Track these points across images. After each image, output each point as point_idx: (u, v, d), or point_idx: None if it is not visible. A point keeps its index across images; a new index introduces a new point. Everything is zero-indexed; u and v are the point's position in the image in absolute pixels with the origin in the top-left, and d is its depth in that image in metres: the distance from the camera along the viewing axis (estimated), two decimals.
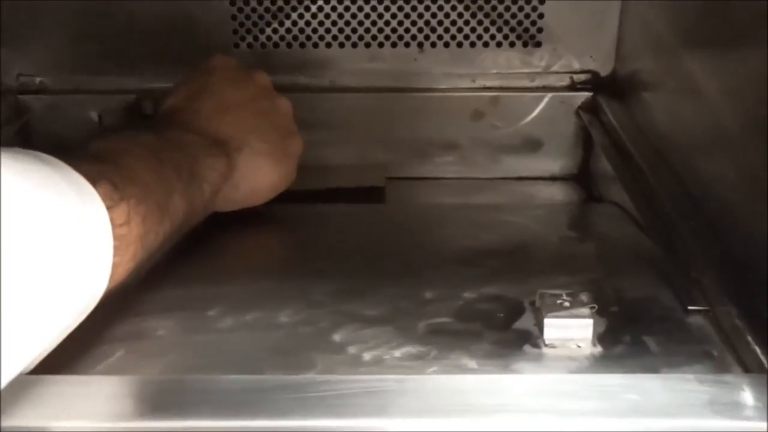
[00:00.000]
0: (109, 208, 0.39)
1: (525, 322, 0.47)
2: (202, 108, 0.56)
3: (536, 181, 0.75)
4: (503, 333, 0.46)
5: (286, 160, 0.59)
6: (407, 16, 0.72)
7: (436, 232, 0.61)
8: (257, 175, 0.57)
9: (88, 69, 0.74)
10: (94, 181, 0.39)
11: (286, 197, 0.61)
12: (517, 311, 0.48)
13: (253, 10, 0.72)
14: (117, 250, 0.40)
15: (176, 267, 0.52)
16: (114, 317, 0.47)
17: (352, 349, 0.45)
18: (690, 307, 0.47)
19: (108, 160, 0.43)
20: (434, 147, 0.74)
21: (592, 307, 0.45)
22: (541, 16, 0.72)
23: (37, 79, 0.74)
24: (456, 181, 0.74)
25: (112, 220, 0.39)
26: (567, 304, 0.46)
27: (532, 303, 0.48)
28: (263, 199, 0.59)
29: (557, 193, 0.74)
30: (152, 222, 0.44)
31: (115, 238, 0.39)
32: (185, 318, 0.48)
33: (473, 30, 0.72)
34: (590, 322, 0.45)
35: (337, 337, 0.46)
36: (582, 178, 0.75)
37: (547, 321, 0.45)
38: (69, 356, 0.43)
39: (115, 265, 0.40)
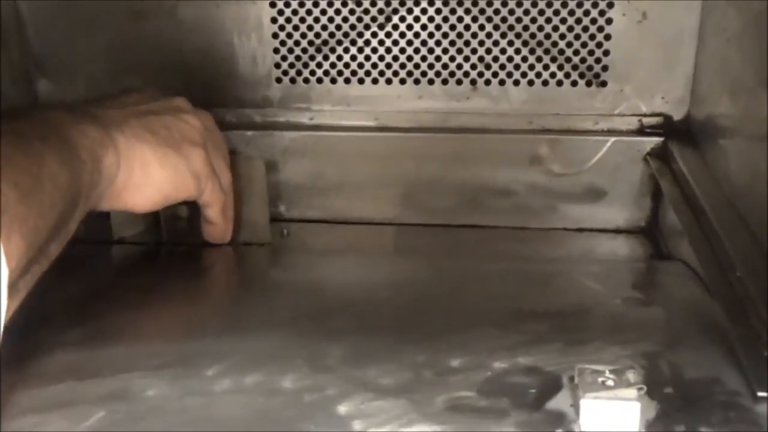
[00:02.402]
0: None
1: (560, 401, 0.41)
2: (95, 105, 0.54)
3: (598, 234, 0.68)
4: (533, 413, 0.40)
5: (174, 159, 0.55)
6: (460, 51, 0.67)
7: (477, 289, 0.55)
8: (137, 161, 0.52)
9: None
10: None
11: None
12: (552, 388, 0.42)
13: (297, 43, 0.68)
14: None
15: (171, 314, 0.49)
16: (97, 372, 0.43)
17: (357, 425, 0.39)
18: (760, 393, 0.40)
19: None
20: (486, 193, 0.68)
21: (640, 388, 0.39)
22: (606, 53, 0.65)
23: None
24: (509, 231, 0.68)
25: None
26: (611, 382, 0.39)
27: (572, 379, 0.41)
28: (147, 198, 0.54)
29: (621, 247, 0.67)
30: (28, 184, 0.41)
31: None
32: (179, 377, 0.43)
33: (531, 67, 0.66)
34: (637, 406, 0.38)
35: (342, 409, 0.40)
36: (650, 232, 0.68)
37: (584, 403, 0.38)
38: (41, 415, 0.39)
39: None
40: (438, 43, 0.67)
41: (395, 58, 0.67)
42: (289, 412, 0.40)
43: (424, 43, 0.67)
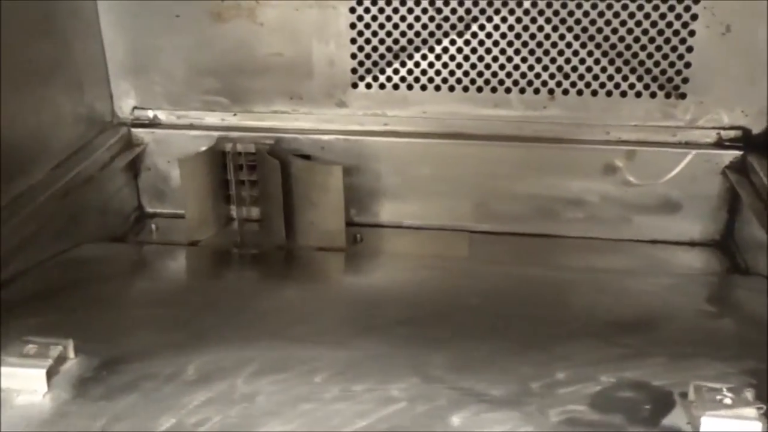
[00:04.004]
0: None
1: (676, 418, 0.40)
2: None
3: (672, 246, 0.68)
4: (650, 430, 0.40)
5: None
6: (539, 60, 0.67)
7: (561, 298, 0.55)
8: None
9: (203, 105, 0.72)
10: None
11: None
12: (665, 404, 0.41)
13: (374, 49, 0.68)
14: None
15: (255, 318, 0.49)
16: (206, 376, 0.43)
17: None
18: None
19: None
20: (560, 203, 0.68)
21: (759, 408, 0.39)
22: (687, 65, 0.65)
23: (151, 113, 0.72)
24: (582, 241, 0.68)
25: None
26: (728, 401, 0.39)
27: (683, 395, 0.41)
28: None
29: (696, 260, 0.66)
30: None
31: None
32: (288, 381, 0.43)
33: (610, 78, 0.66)
34: (759, 425, 0.38)
35: (456, 420, 0.40)
36: (725, 245, 0.67)
37: (705, 420, 0.38)
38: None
39: None
40: (517, 51, 0.67)
41: (473, 66, 0.67)
42: (404, 421, 0.40)
43: (502, 51, 0.67)
